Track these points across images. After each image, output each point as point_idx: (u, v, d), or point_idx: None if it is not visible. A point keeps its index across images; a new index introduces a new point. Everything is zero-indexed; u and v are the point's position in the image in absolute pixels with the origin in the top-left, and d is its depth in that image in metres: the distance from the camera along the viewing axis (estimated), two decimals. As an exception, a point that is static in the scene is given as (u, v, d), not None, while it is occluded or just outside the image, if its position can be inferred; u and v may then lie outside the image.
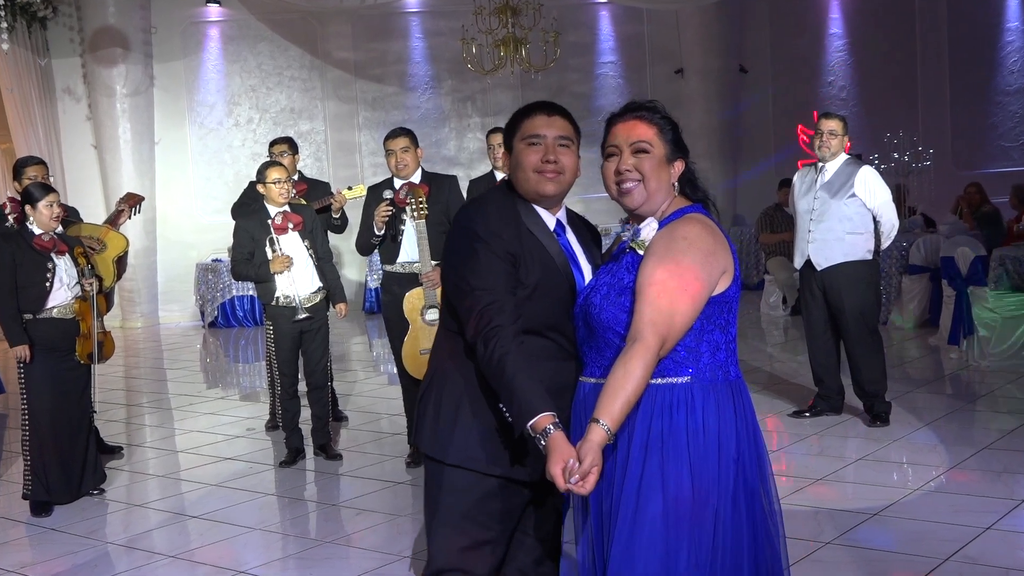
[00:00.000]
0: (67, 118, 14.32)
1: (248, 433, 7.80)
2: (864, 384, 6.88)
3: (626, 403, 2.64)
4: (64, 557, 5.31)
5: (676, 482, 2.70)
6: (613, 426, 2.62)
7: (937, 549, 4.59)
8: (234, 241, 6.76)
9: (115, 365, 11.17)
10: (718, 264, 2.74)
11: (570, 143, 3.01)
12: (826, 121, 6.93)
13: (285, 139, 8.00)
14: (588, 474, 2.58)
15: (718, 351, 2.78)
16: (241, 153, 14.96)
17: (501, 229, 2.93)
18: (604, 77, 15.56)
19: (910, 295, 10.56)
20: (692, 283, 2.68)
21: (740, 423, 2.78)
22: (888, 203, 6.88)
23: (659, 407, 2.74)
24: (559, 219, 3.07)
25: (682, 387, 2.74)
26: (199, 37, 14.88)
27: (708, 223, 2.81)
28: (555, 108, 3.05)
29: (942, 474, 5.76)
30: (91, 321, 6.11)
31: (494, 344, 2.80)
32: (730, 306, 2.80)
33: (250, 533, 5.52)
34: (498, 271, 2.89)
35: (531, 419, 2.69)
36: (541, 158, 2.97)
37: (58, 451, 6.07)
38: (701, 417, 2.73)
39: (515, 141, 3.04)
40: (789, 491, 5.54)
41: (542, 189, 2.98)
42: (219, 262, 14.08)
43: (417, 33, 15.30)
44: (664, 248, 2.74)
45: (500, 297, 2.86)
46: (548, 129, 2.99)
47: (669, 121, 2.91)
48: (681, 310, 2.68)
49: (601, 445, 2.61)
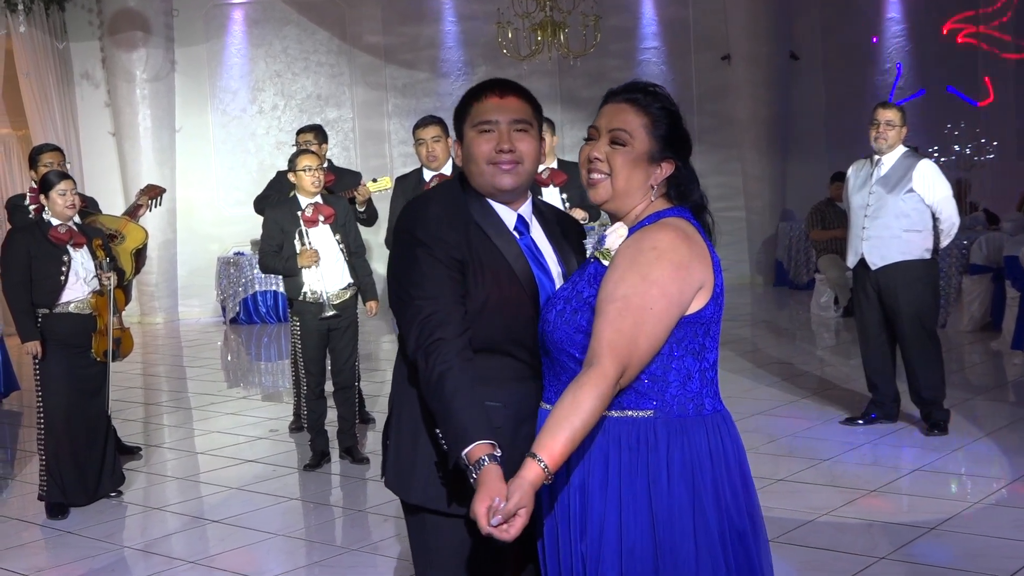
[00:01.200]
0: (85, 104, 14.43)
1: (271, 435, 7.85)
2: (921, 391, 6.83)
3: (569, 439, 2.37)
4: (80, 561, 5.36)
5: (635, 533, 2.48)
6: (552, 464, 2.36)
7: (998, 566, 4.55)
8: (263, 232, 6.78)
9: (134, 362, 11.25)
10: (692, 279, 2.47)
11: (528, 127, 2.75)
12: (883, 111, 6.88)
13: (313, 127, 8.03)
14: (514, 516, 2.33)
15: (690, 381, 2.51)
16: (265, 142, 15.02)
17: (444, 232, 2.68)
18: (646, 64, 15.50)
19: (971, 296, 10.46)
20: (658, 301, 2.42)
21: (717, 464, 2.51)
22: (948, 199, 6.81)
23: (616, 444, 2.50)
24: (521, 215, 2.80)
25: (644, 422, 2.49)
26: (223, 20, 14.96)
27: (685, 230, 2.51)
28: (509, 86, 2.78)
29: (1004, 487, 5.71)
30: (108, 317, 6.14)
31: (434, 360, 2.57)
32: (707, 328, 2.53)
33: (272, 539, 5.55)
34: (442, 279, 2.64)
35: (465, 447, 2.46)
36: (495, 147, 2.71)
37: (73, 452, 6.12)
38: (666, 458, 2.47)
39: (465, 128, 2.78)
40: (841, 503, 5.51)
41: (498, 182, 2.73)
42: (241, 256, 14.16)
43: (450, 16, 15.30)
44: (629, 260, 2.47)
45: (443, 308, 2.62)
46: (501, 113, 2.72)
47: (668, 113, 2.58)
48: (646, 332, 2.42)
49: (535, 484, 2.36)
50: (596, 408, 2.39)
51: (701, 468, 2.49)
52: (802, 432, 7.04)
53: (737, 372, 9.11)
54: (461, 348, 2.60)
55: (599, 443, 2.52)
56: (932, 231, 6.82)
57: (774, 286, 15.24)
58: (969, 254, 10.41)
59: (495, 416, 2.61)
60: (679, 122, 2.60)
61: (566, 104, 14.55)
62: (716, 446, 2.52)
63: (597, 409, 2.40)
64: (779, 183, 15.55)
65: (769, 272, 15.49)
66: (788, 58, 15.41)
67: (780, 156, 15.51)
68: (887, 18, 15.54)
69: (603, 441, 2.52)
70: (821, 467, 6.22)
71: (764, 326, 12.15)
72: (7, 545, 5.81)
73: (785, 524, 5.21)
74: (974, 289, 10.43)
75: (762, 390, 8.38)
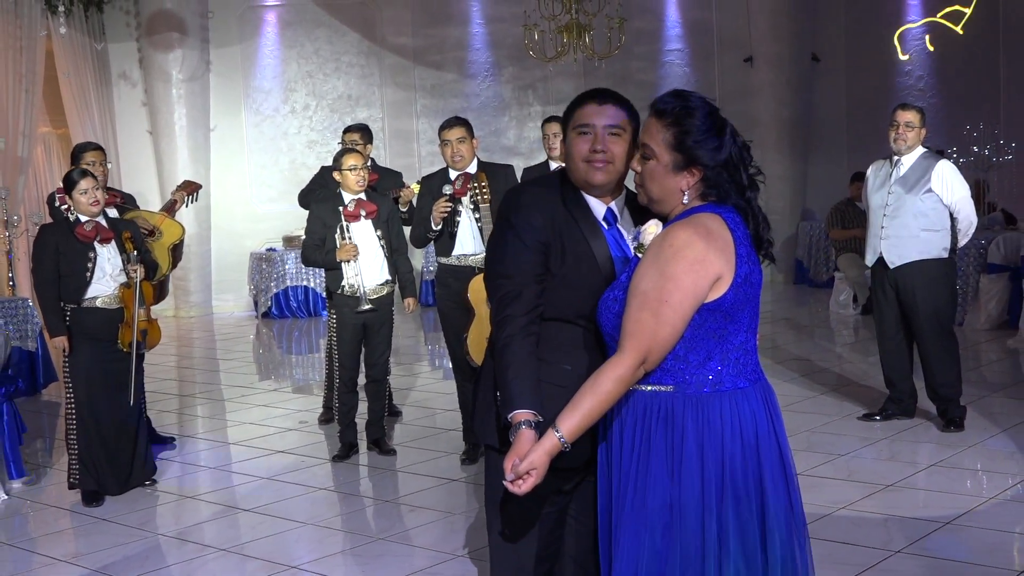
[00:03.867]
0: (123, 104, 14.51)
1: (301, 426, 7.89)
2: (938, 387, 6.80)
3: (587, 415, 2.68)
4: (115, 548, 5.41)
5: (653, 493, 2.71)
6: (568, 436, 2.68)
7: (1014, 561, 4.54)
8: (307, 226, 6.81)
9: (168, 355, 11.33)
10: (707, 272, 2.66)
11: (621, 132, 3.01)
12: (903, 112, 6.85)
13: (360, 127, 7.98)
14: (525, 476, 2.68)
15: (710, 360, 2.72)
16: (297, 140, 15.07)
17: (533, 217, 3.00)
18: (670, 65, 15.46)
19: (988, 295, 10.40)
20: (673, 294, 2.64)
21: (732, 438, 2.70)
22: (966, 199, 6.78)
23: (642, 414, 2.75)
24: (611, 208, 3.07)
25: (664, 395, 2.73)
26: (256, 22, 15.01)
27: (708, 226, 2.71)
28: (608, 96, 3.05)
29: (1019, 483, 5.68)
30: (133, 309, 6.14)
31: (502, 332, 2.94)
32: (727, 314, 2.71)
33: (302, 528, 5.58)
34: (523, 260, 2.97)
35: (510, 411, 2.84)
36: (590, 147, 2.99)
37: (104, 443, 6.16)
38: (680, 429, 2.70)
39: (568, 129, 3.07)
40: (858, 497, 5.50)
41: (590, 178, 3.00)
42: (273, 251, 14.22)
43: (477, 19, 15.30)
44: (652, 257, 2.71)
45: (519, 286, 2.95)
46: (598, 118, 3.00)
47: (687, 126, 2.77)
48: (664, 323, 2.65)
49: (551, 452, 2.69)
50: (614, 390, 2.68)
51: (712, 440, 2.68)
52: (820, 427, 7.02)
53: (757, 368, 9.09)
54: (526, 324, 2.94)
55: (629, 412, 2.77)
56: (950, 231, 6.79)
57: (794, 284, 15.18)
58: (987, 253, 10.34)
59: (563, 377, 2.93)
60: (703, 131, 2.75)
61: (591, 105, 14.50)
62: (732, 420, 2.71)
63: (615, 391, 2.68)
64: (800, 183, 15.49)
65: (789, 270, 15.43)
66: (810, 60, 15.35)
67: (801, 156, 15.46)
68: (907, 20, 15.44)
69: (632, 411, 2.77)
70: (839, 462, 6.20)
71: (784, 323, 12.11)
72: (45, 531, 5.88)
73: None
74: (991, 288, 10.36)
75: (782, 386, 8.35)
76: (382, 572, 4.85)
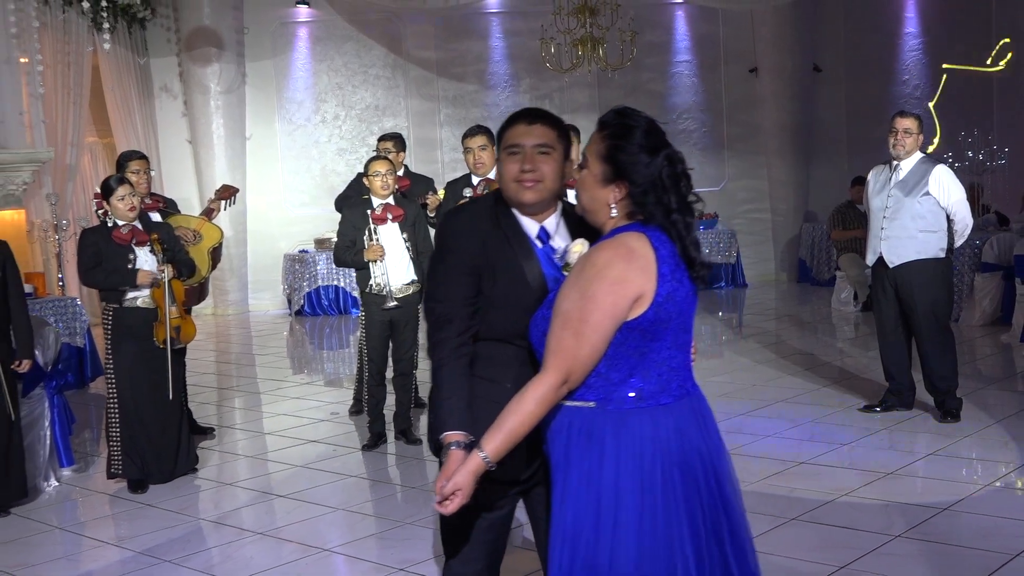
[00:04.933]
0: (164, 114, 14.56)
1: (332, 417, 7.90)
2: (935, 380, 6.76)
3: (510, 435, 2.59)
4: (159, 531, 5.43)
5: (573, 503, 2.62)
6: (492, 455, 2.60)
7: (1007, 545, 4.51)
8: (339, 229, 6.86)
9: (207, 351, 11.38)
10: (627, 291, 2.54)
11: (550, 150, 2.90)
12: (901, 119, 6.82)
13: (393, 135, 7.96)
14: (449, 497, 2.60)
15: (631, 377, 2.60)
16: (327, 148, 15.11)
17: (465, 241, 2.90)
18: (679, 76, 15.42)
19: (983, 293, 10.35)
20: (593, 314, 2.53)
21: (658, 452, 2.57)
22: (962, 201, 6.75)
23: (566, 428, 2.65)
24: (544, 226, 2.95)
25: (587, 411, 2.62)
26: (289, 37, 15.05)
27: (630, 246, 2.60)
28: (537, 115, 2.95)
29: (1013, 471, 5.65)
30: (165, 307, 6.16)
31: (435, 354, 2.88)
32: (648, 332, 2.59)
33: (334, 513, 5.60)
34: (455, 283, 2.88)
35: (440, 433, 2.77)
36: (519, 167, 2.88)
37: (148, 434, 6.17)
38: (599, 444, 2.59)
39: (499, 150, 2.97)
40: (859, 484, 5.48)
41: (521, 197, 2.89)
42: (305, 253, 14.25)
43: (497, 33, 15.30)
44: (575, 276, 2.61)
45: (450, 310, 2.87)
46: (526, 138, 2.89)
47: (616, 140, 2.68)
48: (584, 342, 2.55)
49: (475, 472, 2.60)
50: (536, 410, 2.59)
51: (631, 456, 2.58)
52: (823, 418, 6.99)
53: (762, 362, 9.07)
54: (458, 346, 2.87)
55: (556, 427, 2.68)
56: (947, 232, 6.75)
57: (797, 282, 15.13)
58: (981, 253, 10.29)
59: (505, 396, 2.71)
60: (635, 149, 2.64)
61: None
62: (654, 436, 2.59)
63: (537, 411, 2.59)
64: (803, 187, 15.44)
65: (793, 269, 15.38)
66: (811, 70, 15.28)
67: (804, 162, 15.40)
68: (904, 32, 15.37)
69: (558, 425, 2.67)
70: (841, 451, 6.18)
71: (788, 320, 12.07)
72: (94, 516, 5.91)
73: (807, 503, 5.19)
74: (986, 286, 10.31)
75: (786, 379, 8.33)
76: (409, 555, 4.85)
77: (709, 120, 15.40)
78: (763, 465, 5.91)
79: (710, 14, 15.18)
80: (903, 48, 15.39)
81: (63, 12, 11.62)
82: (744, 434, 6.64)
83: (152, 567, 4.91)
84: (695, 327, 2.82)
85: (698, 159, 15.45)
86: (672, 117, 15.24)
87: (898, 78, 15.34)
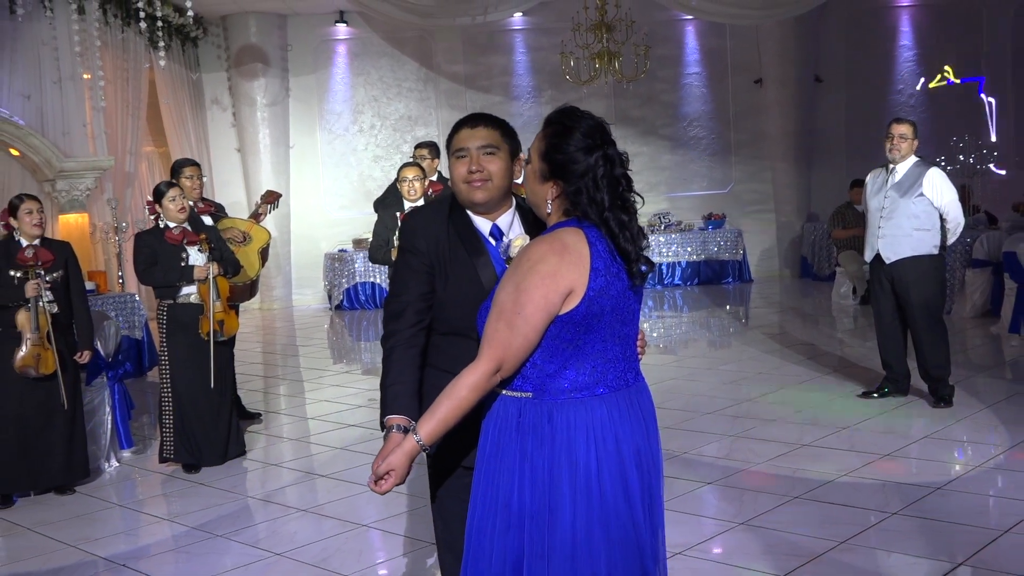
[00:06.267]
0: (214, 125, 14.64)
1: (369, 403, 7.90)
2: (929, 368, 6.71)
3: (443, 420, 2.50)
4: (211, 508, 5.46)
5: (504, 492, 2.52)
6: (426, 439, 2.52)
7: (997, 522, 4.47)
8: (374, 229, 6.87)
9: (254, 342, 11.43)
10: (559, 286, 2.44)
11: (495, 150, 2.84)
12: (897, 126, 6.76)
13: (428, 143, 7.94)
14: (383, 477, 2.55)
15: (565, 369, 2.50)
16: (364, 156, 15.14)
17: (419, 241, 2.87)
18: (689, 87, 15.35)
19: (973, 287, 10.25)
20: (526, 306, 2.43)
21: (585, 442, 2.47)
22: (954, 202, 6.68)
23: (502, 416, 2.56)
24: (497, 224, 2.89)
25: (523, 401, 2.52)
26: (329, 53, 15.08)
27: (564, 241, 2.49)
28: (480, 119, 2.90)
29: (1002, 453, 5.59)
30: (210, 302, 6.18)
31: (386, 344, 2.87)
32: (581, 325, 2.48)
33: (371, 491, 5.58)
34: (409, 280, 2.86)
35: (385, 415, 2.75)
36: (467, 169, 2.83)
37: (200, 419, 6.19)
38: (533, 433, 2.50)
39: (449, 155, 2.92)
40: (858, 465, 5.44)
41: (472, 197, 2.84)
42: (345, 252, 14.30)
43: (521, 48, 15.28)
44: (512, 270, 2.52)
45: (403, 304, 2.85)
46: (471, 141, 2.84)
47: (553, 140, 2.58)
48: (517, 333, 2.45)
49: (410, 454, 2.54)
50: (468, 396, 2.49)
51: (562, 445, 2.48)
52: (825, 404, 6.95)
53: (768, 352, 9.02)
54: (409, 337, 2.84)
55: (491, 415, 2.60)
56: (940, 230, 6.69)
57: (800, 278, 15.05)
58: (972, 250, 10.19)
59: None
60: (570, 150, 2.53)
61: (620, 122, 14.43)
62: (587, 426, 2.49)
63: (469, 397, 2.49)
64: (805, 189, 15.35)
65: (795, 266, 15.30)
66: (813, 81, 15.19)
67: (806, 165, 15.31)
68: (900, 45, 15.25)
69: (495, 413, 2.59)
70: (841, 434, 6.13)
71: (791, 312, 12.00)
72: (151, 494, 5.95)
73: (809, 483, 5.16)
74: (976, 281, 10.21)
75: (789, 367, 8.28)
76: (440, 530, 4.85)
77: (717, 127, 15.33)
78: (769, 447, 5.88)
79: (718, 29, 15.10)
80: (898, 60, 15.28)
81: (122, 32, 11.70)
82: (751, 418, 6.61)
83: (204, 541, 4.93)
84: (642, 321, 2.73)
85: (707, 163, 15.41)
86: (683, 125, 15.19)
87: (893, 88, 15.24)
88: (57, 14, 10.25)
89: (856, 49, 15.26)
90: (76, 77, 10.49)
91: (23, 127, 9.79)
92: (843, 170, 14.61)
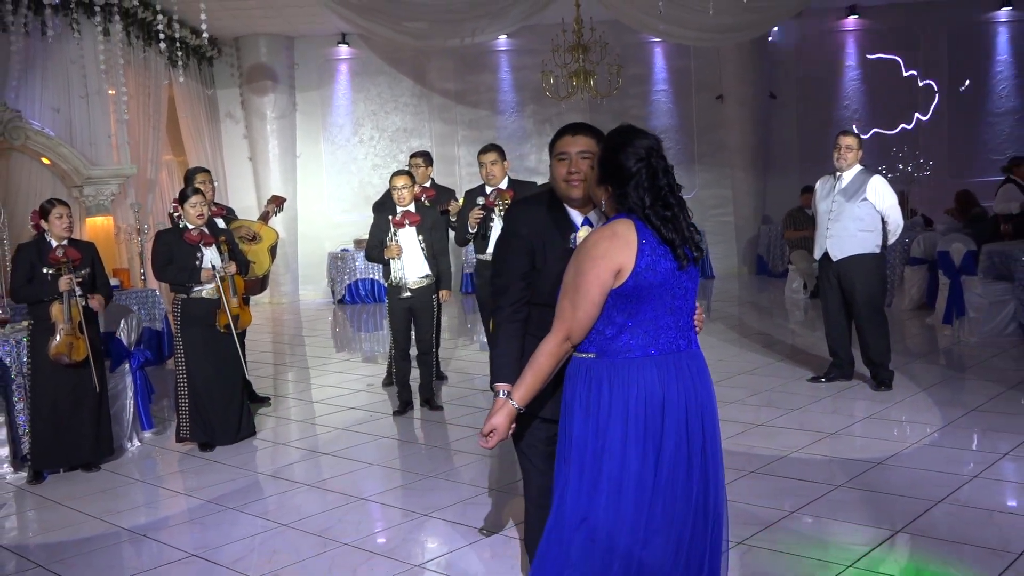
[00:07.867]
0: (228, 137, 14.56)
1: (368, 388, 7.89)
2: (871, 355, 6.73)
3: (530, 385, 2.75)
4: (224, 483, 5.44)
5: (580, 434, 2.71)
6: (520, 401, 2.76)
7: (932, 493, 4.49)
8: (370, 231, 6.83)
9: (264, 333, 11.39)
10: (609, 265, 2.64)
11: (591, 155, 2.95)
12: (843, 138, 6.78)
13: (422, 153, 7.92)
14: (489, 434, 2.75)
15: (621, 333, 2.69)
16: (364, 164, 15.09)
17: (523, 227, 3.03)
18: (657, 103, 15.36)
19: (911, 282, 10.30)
20: (583, 284, 2.65)
21: (640, 396, 2.66)
22: (895, 206, 6.71)
23: (575, 373, 2.76)
24: (587, 217, 3.05)
25: (590, 361, 2.73)
26: (332, 71, 15.02)
27: (615, 230, 2.67)
28: (580, 128, 3.05)
29: (936, 431, 5.62)
30: (229, 297, 6.16)
31: (495, 318, 3.02)
32: (632, 296, 2.66)
33: (370, 468, 5.59)
34: (513, 261, 3.02)
35: (492, 382, 2.91)
36: (567, 170, 3.00)
37: (214, 403, 6.17)
38: (597, 386, 2.69)
39: (551, 156, 3.07)
40: (808, 442, 5.46)
41: (569, 193, 3.01)
42: (346, 252, 14.25)
43: (505, 67, 15.25)
44: (575, 255, 2.73)
45: (510, 282, 3.01)
46: (572, 146, 3.01)
47: (602, 153, 2.78)
48: (578, 307, 2.66)
49: (509, 416, 2.76)
50: (547, 363, 2.73)
51: (620, 397, 2.67)
52: (778, 387, 6.97)
53: (727, 341, 9.04)
54: (512, 312, 3.00)
55: (569, 373, 2.79)
56: (881, 231, 6.72)
57: (756, 274, 15.09)
58: (910, 249, 10.23)
59: None
60: (616, 160, 2.71)
61: (595, 134, 14.41)
62: (638, 382, 2.67)
63: (548, 364, 2.73)
64: (760, 194, 15.38)
65: (752, 264, 15.34)
66: (768, 98, 15.23)
67: (762, 173, 15.34)
68: (846, 65, 15.30)
69: (571, 372, 2.78)
70: (792, 415, 6.15)
71: (748, 305, 12.03)
72: (169, 471, 5.92)
73: (764, 459, 5.17)
74: (913, 277, 10.26)
75: (746, 354, 8.30)
76: (433, 501, 4.85)
77: (683, 139, 15.34)
78: (727, 427, 5.88)
79: (683, 50, 15.12)
80: (845, 79, 15.34)
81: (144, 52, 11.61)
82: (712, 401, 6.61)
83: (218, 513, 4.91)
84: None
85: (674, 172, 15.40)
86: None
87: (840, 104, 15.30)
88: (84, 35, 10.17)
89: (807, 69, 15.31)
90: (102, 92, 10.41)
91: (53, 138, 9.71)
92: (795, 177, 14.66)
